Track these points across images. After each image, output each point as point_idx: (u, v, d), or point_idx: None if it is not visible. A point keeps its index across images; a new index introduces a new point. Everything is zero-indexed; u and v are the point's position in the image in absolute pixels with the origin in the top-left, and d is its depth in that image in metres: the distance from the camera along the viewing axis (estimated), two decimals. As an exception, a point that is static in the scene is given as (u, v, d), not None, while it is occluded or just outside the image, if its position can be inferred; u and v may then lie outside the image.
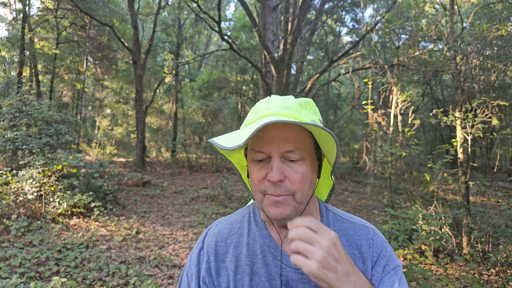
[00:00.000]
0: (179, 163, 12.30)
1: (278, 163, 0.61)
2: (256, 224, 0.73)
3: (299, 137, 0.62)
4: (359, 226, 0.72)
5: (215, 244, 0.72)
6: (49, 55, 12.46)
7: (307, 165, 0.63)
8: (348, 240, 0.69)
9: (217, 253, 0.71)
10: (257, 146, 0.62)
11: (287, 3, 8.91)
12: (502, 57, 5.55)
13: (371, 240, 0.69)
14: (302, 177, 0.62)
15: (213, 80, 14.60)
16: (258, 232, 0.71)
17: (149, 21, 16.91)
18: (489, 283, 3.25)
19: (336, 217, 0.73)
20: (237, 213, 0.79)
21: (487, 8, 7.25)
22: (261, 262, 0.68)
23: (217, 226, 0.76)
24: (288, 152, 0.61)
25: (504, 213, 4.58)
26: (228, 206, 6.51)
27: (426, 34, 5.72)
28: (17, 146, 5.60)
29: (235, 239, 0.72)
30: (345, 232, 0.70)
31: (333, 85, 15.37)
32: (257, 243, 0.70)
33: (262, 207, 0.65)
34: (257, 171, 0.63)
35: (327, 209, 0.75)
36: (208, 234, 0.75)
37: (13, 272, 3.16)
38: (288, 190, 0.61)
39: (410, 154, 4.73)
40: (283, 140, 0.61)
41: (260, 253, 0.68)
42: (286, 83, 7.79)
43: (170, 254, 3.93)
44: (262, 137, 0.62)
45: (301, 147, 0.62)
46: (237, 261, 0.69)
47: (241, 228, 0.73)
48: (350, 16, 16.68)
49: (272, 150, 0.61)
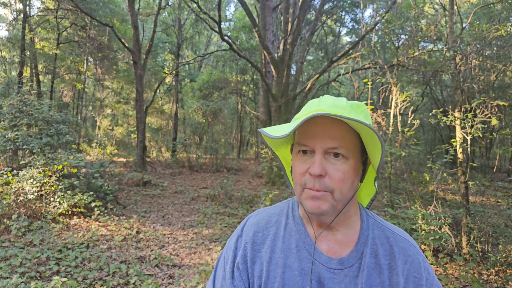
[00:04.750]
0: (179, 163, 12.31)
1: (320, 158, 0.62)
2: (293, 219, 0.74)
3: (344, 136, 0.63)
4: (400, 238, 0.70)
5: (253, 234, 0.73)
6: (49, 55, 12.49)
7: (350, 165, 0.63)
8: (386, 250, 0.67)
9: (254, 242, 0.72)
10: (303, 140, 0.64)
11: (287, 3, 8.92)
12: (501, 57, 5.56)
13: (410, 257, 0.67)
14: (343, 176, 0.62)
15: (213, 80, 14.62)
16: (295, 227, 0.72)
17: (150, 22, 16.93)
18: (489, 282, 3.26)
19: (376, 223, 0.72)
20: (276, 205, 0.80)
21: (487, 9, 7.27)
22: (295, 256, 0.68)
23: (256, 216, 0.78)
24: (331, 149, 0.62)
25: (504, 213, 4.60)
26: (228, 205, 6.52)
27: (425, 34, 5.73)
28: (17, 146, 5.61)
29: (272, 231, 0.73)
30: (384, 240, 0.69)
31: (333, 85, 15.38)
32: (293, 238, 0.71)
33: (300, 201, 0.66)
34: (299, 164, 0.65)
35: (368, 214, 0.74)
36: (247, 223, 0.77)
37: (13, 272, 3.17)
38: (327, 186, 0.61)
39: (409, 154, 4.74)
40: (328, 136, 0.62)
41: (295, 247, 0.69)
42: (286, 83, 7.80)
43: (171, 254, 3.94)
44: (308, 132, 0.64)
45: (345, 146, 0.62)
46: (271, 253, 0.70)
47: (278, 221, 0.75)
48: (350, 16, 16.71)
49: (317, 145, 0.62)
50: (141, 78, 10.04)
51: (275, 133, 0.60)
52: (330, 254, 0.67)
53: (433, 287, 0.66)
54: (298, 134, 0.67)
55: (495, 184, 9.37)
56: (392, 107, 4.93)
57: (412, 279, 0.65)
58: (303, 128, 0.64)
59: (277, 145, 0.77)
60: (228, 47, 7.85)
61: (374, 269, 0.65)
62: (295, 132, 0.69)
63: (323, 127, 0.62)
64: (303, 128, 0.64)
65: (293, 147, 0.69)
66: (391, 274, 0.65)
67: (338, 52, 16.38)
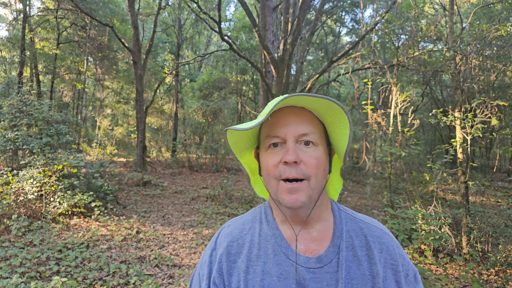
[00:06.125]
0: (179, 163, 12.32)
1: (293, 146, 0.62)
2: (267, 223, 0.72)
3: (313, 123, 0.65)
4: (373, 227, 0.70)
5: (227, 245, 0.72)
6: (49, 55, 12.49)
7: (321, 151, 0.64)
8: (361, 242, 0.68)
9: (229, 253, 0.70)
10: (272, 131, 0.64)
11: (287, 3, 8.92)
12: (501, 57, 5.56)
13: (384, 245, 0.68)
14: (317, 162, 0.63)
15: (213, 80, 14.62)
16: (270, 232, 0.70)
17: (150, 22, 16.93)
18: (489, 282, 3.26)
19: (349, 216, 0.72)
20: (249, 213, 0.79)
21: (487, 9, 7.27)
22: (273, 261, 0.67)
23: (229, 226, 0.76)
24: (302, 136, 0.63)
25: (504, 213, 4.60)
26: (228, 206, 6.52)
27: (425, 34, 5.73)
28: (17, 146, 5.61)
29: (247, 239, 0.71)
30: (358, 232, 0.69)
31: (333, 85, 15.38)
32: (269, 243, 0.69)
33: (276, 197, 0.65)
34: (271, 157, 0.64)
35: (339, 208, 0.74)
36: (221, 235, 0.75)
37: (13, 272, 3.17)
38: (304, 173, 0.61)
39: (409, 154, 4.74)
40: (298, 123, 0.63)
41: (271, 252, 0.68)
42: (286, 83, 7.80)
43: (171, 254, 3.94)
44: (277, 122, 0.64)
45: (315, 132, 0.64)
46: (248, 261, 0.68)
47: (252, 228, 0.73)
48: (350, 16, 16.70)
49: (288, 134, 0.63)
50: (141, 78, 10.04)
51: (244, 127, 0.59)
52: (308, 253, 0.66)
53: (409, 271, 0.67)
54: (266, 127, 0.67)
55: (495, 184, 9.37)
56: (392, 107, 4.93)
57: (389, 266, 0.66)
58: (272, 120, 0.65)
59: (241, 150, 0.76)
60: (228, 47, 7.85)
61: (352, 262, 0.65)
62: (260, 131, 0.70)
63: (292, 115, 0.64)
64: (272, 120, 0.65)
65: (261, 144, 0.69)
66: (370, 264, 0.65)
67: (338, 52, 16.39)
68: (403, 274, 0.66)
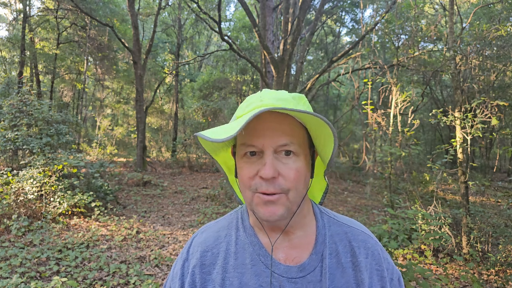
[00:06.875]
0: (179, 163, 12.32)
1: (271, 159, 0.55)
2: (244, 230, 0.66)
3: (294, 131, 0.57)
4: (357, 231, 0.67)
5: (200, 255, 0.65)
6: (49, 55, 12.49)
7: (302, 161, 0.58)
8: (345, 247, 0.64)
9: (203, 264, 0.64)
10: (249, 140, 0.57)
11: (287, 3, 8.92)
12: (501, 57, 5.56)
13: (369, 250, 0.65)
14: (297, 174, 0.56)
15: (213, 80, 14.62)
16: (247, 239, 0.65)
17: (150, 22, 16.93)
18: (489, 282, 3.26)
19: (331, 220, 0.68)
20: (224, 217, 0.72)
21: (487, 9, 7.27)
22: (251, 272, 0.61)
23: (203, 234, 0.70)
24: (282, 146, 0.56)
25: (504, 213, 4.60)
26: (228, 206, 6.52)
27: (425, 34, 5.73)
28: (17, 146, 5.61)
29: (222, 248, 0.65)
30: (343, 236, 0.65)
31: (333, 85, 15.39)
32: (247, 252, 0.63)
33: (251, 208, 0.59)
34: (247, 167, 0.58)
35: (321, 211, 0.69)
36: (193, 244, 0.68)
37: (13, 272, 3.17)
38: (282, 188, 0.56)
39: (409, 154, 4.74)
40: (278, 133, 0.56)
41: (249, 262, 0.62)
42: (286, 83, 7.80)
43: (171, 254, 3.94)
44: (254, 131, 0.56)
45: (296, 142, 0.57)
46: (224, 273, 0.63)
47: (228, 235, 0.67)
48: (350, 16, 16.70)
49: (265, 144, 0.56)
50: (141, 78, 10.04)
51: (217, 136, 0.51)
52: (289, 262, 0.62)
53: (393, 276, 0.65)
54: (242, 133, 0.58)
55: (495, 184, 9.37)
56: (392, 107, 4.93)
57: (375, 272, 0.63)
58: (248, 126, 0.57)
59: (215, 149, 0.69)
60: (228, 47, 7.86)
61: (336, 270, 0.61)
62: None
63: (271, 123, 0.56)
64: (248, 126, 0.57)
65: (237, 149, 0.62)
66: (354, 272, 0.62)
67: (338, 52, 16.39)
68: (388, 279, 0.64)
